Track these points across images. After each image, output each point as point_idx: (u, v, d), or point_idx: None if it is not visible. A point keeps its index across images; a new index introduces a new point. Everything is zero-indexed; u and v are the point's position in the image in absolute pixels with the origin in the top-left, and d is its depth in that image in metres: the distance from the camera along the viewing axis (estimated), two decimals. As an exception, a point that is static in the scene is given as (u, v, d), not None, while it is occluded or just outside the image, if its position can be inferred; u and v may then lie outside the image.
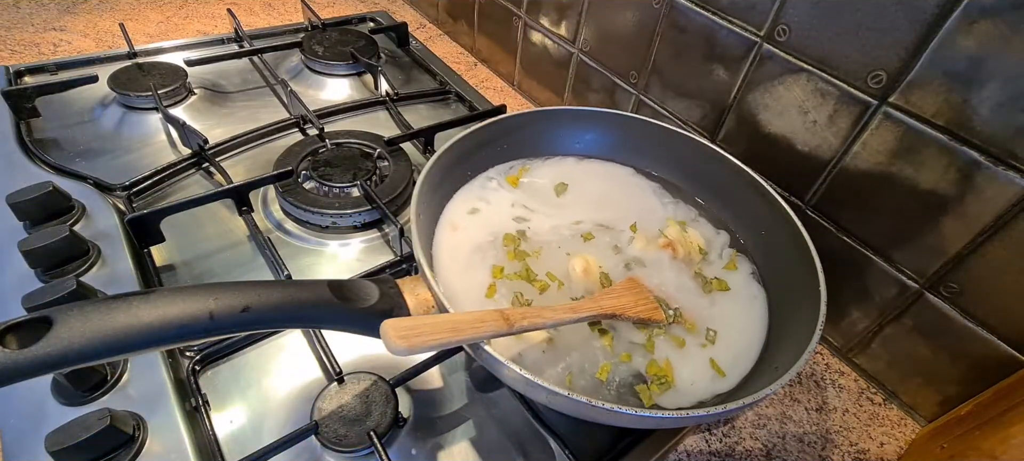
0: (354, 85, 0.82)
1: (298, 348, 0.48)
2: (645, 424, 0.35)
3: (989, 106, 0.39)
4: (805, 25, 0.48)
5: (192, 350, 0.45)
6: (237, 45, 0.86)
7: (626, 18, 0.66)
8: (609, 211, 0.54)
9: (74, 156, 0.63)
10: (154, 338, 0.26)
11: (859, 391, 0.53)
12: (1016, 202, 0.39)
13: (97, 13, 0.90)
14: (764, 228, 0.51)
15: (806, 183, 0.53)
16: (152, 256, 0.53)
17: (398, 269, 0.55)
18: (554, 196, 0.55)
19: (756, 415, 0.50)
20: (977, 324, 0.44)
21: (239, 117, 0.73)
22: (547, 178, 0.57)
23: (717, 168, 0.54)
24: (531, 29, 0.82)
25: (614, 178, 0.58)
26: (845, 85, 0.47)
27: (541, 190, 0.56)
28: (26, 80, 0.72)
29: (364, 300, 0.35)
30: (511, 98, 0.89)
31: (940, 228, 0.44)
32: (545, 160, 0.59)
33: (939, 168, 0.43)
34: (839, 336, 0.55)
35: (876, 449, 0.49)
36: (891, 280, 0.49)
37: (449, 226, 0.50)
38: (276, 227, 0.59)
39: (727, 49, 0.55)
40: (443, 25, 1.05)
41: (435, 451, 0.43)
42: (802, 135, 0.52)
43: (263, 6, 1.01)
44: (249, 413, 0.43)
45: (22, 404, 0.40)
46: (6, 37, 0.81)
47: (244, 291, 0.30)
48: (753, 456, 0.47)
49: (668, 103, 0.65)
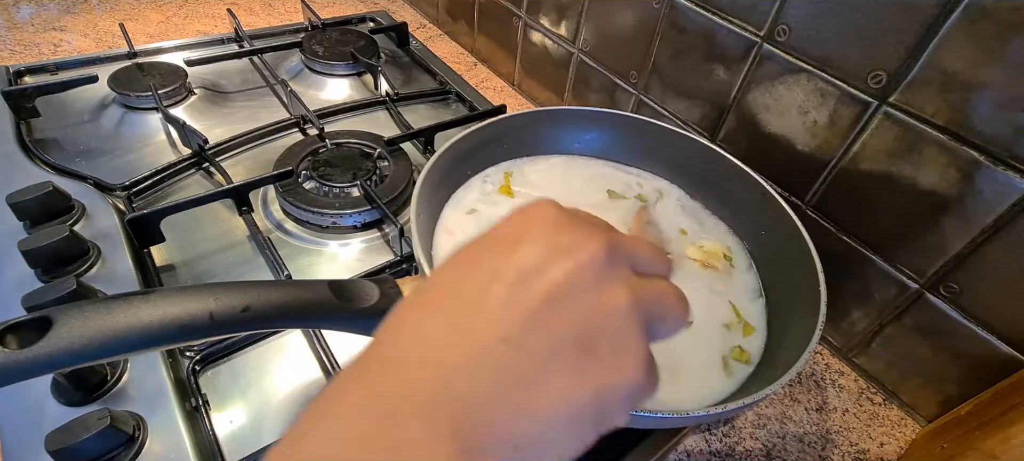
0: (354, 85, 0.82)
1: (298, 348, 0.48)
2: (645, 424, 0.35)
3: (989, 106, 0.39)
4: (805, 25, 0.48)
5: (192, 350, 0.45)
6: (237, 45, 0.86)
7: (626, 18, 0.66)
8: (611, 214, 0.54)
9: (74, 156, 0.63)
10: (154, 338, 0.26)
11: (859, 391, 0.53)
12: (1016, 202, 0.39)
13: (97, 13, 0.90)
14: (764, 228, 0.51)
15: (806, 183, 0.53)
16: (152, 256, 0.53)
17: (398, 269, 0.55)
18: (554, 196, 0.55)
19: (756, 415, 0.50)
20: (977, 324, 0.44)
21: (239, 117, 0.73)
22: (545, 179, 0.57)
23: (717, 168, 0.54)
24: (531, 29, 0.82)
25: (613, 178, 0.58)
26: (845, 85, 0.47)
27: (541, 191, 0.56)
28: (26, 80, 0.72)
29: (365, 300, 0.35)
30: (511, 98, 0.89)
31: (940, 228, 0.44)
32: (546, 158, 0.59)
33: (939, 168, 0.43)
34: (839, 336, 0.55)
35: (876, 449, 0.49)
36: (891, 280, 0.49)
37: (449, 226, 0.50)
38: (276, 227, 0.59)
39: (727, 49, 0.55)
40: (443, 25, 1.05)
41: (435, 451, 0.43)
42: (802, 135, 0.52)
43: (263, 6, 1.01)
44: (249, 413, 0.43)
45: (22, 404, 0.40)
46: (6, 37, 0.81)
47: (244, 291, 0.30)
48: (753, 456, 0.47)
49: (668, 103, 0.65)
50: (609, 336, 0.20)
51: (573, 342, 0.19)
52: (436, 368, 0.18)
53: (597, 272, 0.20)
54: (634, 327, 0.20)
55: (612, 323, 0.20)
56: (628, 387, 0.20)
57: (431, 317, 0.20)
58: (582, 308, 0.20)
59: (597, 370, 0.19)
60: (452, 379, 0.18)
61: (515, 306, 0.19)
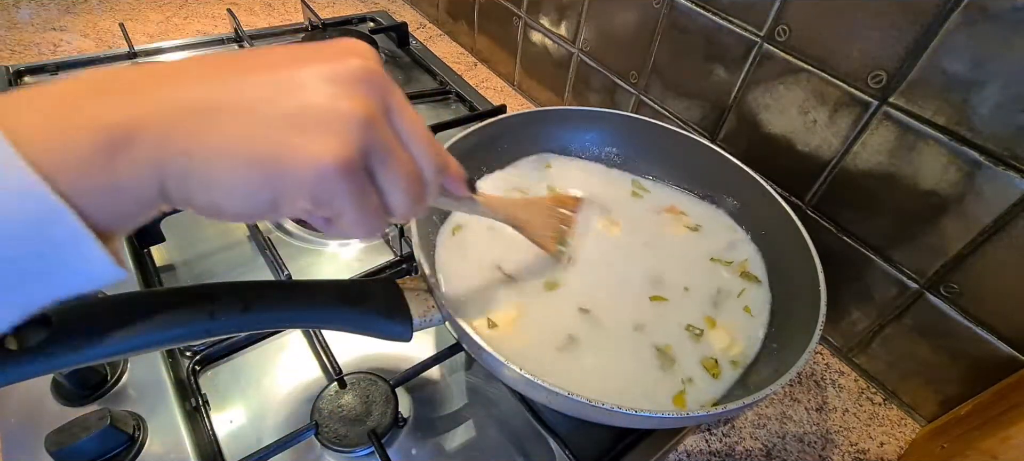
0: (354, 85, 0.82)
1: (298, 348, 0.48)
2: (645, 424, 0.35)
3: (989, 106, 0.39)
4: (805, 25, 0.48)
5: (192, 350, 0.45)
6: (237, 45, 0.86)
7: (626, 18, 0.66)
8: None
9: (74, 156, 0.63)
10: (155, 338, 0.26)
11: (859, 391, 0.53)
12: (1016, 202, 0.39)
13: (97, 13, 0.90)
14: (764, 228, 0.51)
15: (806, 183, 0.53)
16: (152, 256, 0.53)
17: (398, 269, 0.55)
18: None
19: (756, 415, 0.50)
20: (977, 324, 0.44)
21: (239, 117, 0.73)
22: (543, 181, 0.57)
23: (717, 168, 0.54)
24: (531, 29, 0.82)
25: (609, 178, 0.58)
26: (845, 85, 0.47)
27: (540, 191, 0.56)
28: (26, 80, 0.72)
29: (365, 300, 0.35)
30: (511, 98, 0.89)
31: (940, 228, 0.44)
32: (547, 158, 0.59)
33: (939, 168, 0.43)
34: (839, 336, 0.55)
35: (876, 449, 0.49)
36: (891, 280, 0.49)
37: (449, 226, 0.50)
38: (276, 227, 0.59)
39: (727, 49, 0.55)
40: (443, 25, 1.05)
41: (435, 451, 0.43)
42: (802, 135, 0.52)
43: (263, 6, 1.01)
44: (249, 413, 0.43)
45: (22, 404, 0.40)
46: (6, 37, 0.81)
47: (244, 291, 0.30)
48: (753, 456, 0.47)
49: (668, 103, 0.65)
50: (320, 118, 0.20)
51: (286, 109, 0.20)
52: (168, 77, 0.20)
53: (355, 80, 0.21)
54: (348, 132, 0.21)
55: (331, 113, 0.20)
56: (302, 166, 0.20)
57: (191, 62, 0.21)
58: (316, 94, 0.20)
59: (290, 133, 0.20)
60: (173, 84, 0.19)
61: (266, 76, 0.20)
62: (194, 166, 0.19)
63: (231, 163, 0.19)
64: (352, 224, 0.23)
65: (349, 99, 0.21)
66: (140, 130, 0.18)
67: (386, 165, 0.23)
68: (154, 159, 0.18)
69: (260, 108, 0.20)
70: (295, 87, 0.20)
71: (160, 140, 0.18)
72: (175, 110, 0.19)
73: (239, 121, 0.19)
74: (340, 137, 0.20)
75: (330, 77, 0.21)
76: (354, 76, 0.21)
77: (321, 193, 0.21)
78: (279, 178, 0.20)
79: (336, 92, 0.21)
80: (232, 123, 0.19)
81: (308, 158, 0.20)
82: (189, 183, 0.19)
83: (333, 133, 0.20)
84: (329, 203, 0.21)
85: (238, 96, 0.20)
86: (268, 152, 0.20)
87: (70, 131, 0.17)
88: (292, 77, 0.20)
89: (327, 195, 0.21)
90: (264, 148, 0.20)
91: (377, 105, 0.22)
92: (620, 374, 0.41)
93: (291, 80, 0.20)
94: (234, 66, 0.20)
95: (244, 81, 0.20)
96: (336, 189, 0.21)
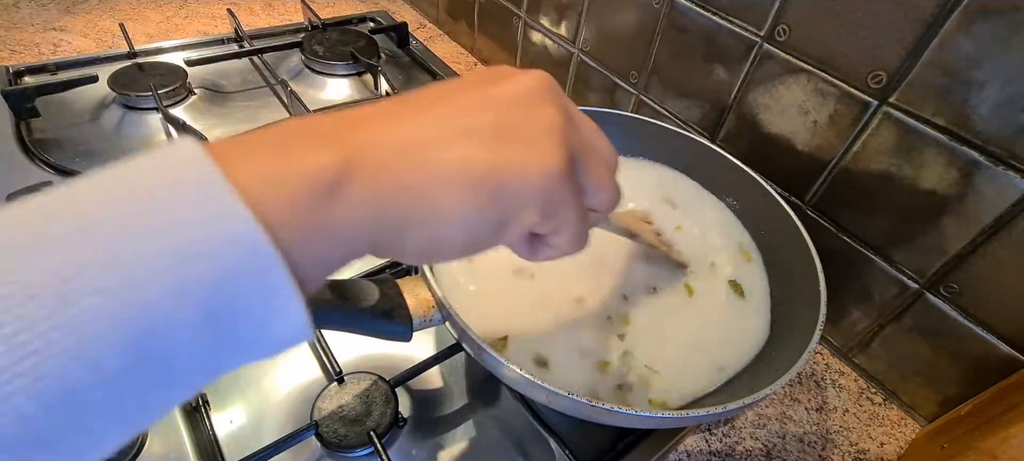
0: (354, 85, 0.82)
1: (298, 348, 0.48)
2: (645, 424, 0.35)
3: (989, 106, 0.39)
4: (805, 25, 0.48)
5: (192, 350, 0.45)
6: (237, 45, 0.86)
7: (626, 18, 0.66)
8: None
9: (74, 156, 0.63)
10: (154, 338, 0.26)
11: (859, 391, 0.53)
12: (1016, 202, 0.39)
13: (97, 13, 0.90)
14: (764, 228, 0.51)
15: (806, 183, 0.53)
16: (152, 256, 0.53)
17: (398, 269, 0.55)
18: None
19: (756, 415, 0.50)
20: (977, 324, 0.44)
21: (239, 117, 0.73)
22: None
23: (717, 168, 0.54)
24: (531, 29, 0.82)
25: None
26: (845, 85, 0.47)
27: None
28: (26, 80, 0.72)
29: (364, 300, 0.35)
30: (511, 98, 0.89)
31: (940, 228, 0.44)
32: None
33: (939, 168, 0.43)
34: (839, 336, 0.55)
35: (876, 449, 0.49)
36: (891, 280, 0.49)
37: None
38: (276, 227, 0.59)
39: (727, 49, 0.55)
40: (443, 25, 1.05)
41: (435, 451, 0.43)
42: (802, 135, 0.52)
43: (263, 6, 1.01)
44: (249, 413, 0.43)
45: (22, 404, 0.40)
46: (6, 37, 0.81)
47: (244, 291, 0.30)
48: (753, 456, 0.47)
49: (668, 103, 0.65)
50: (525, 132, 0.20)
51: (491, 128, 0.20)
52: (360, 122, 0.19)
53: (538, 94, 0.22)
54: (554, 139, 0.21)
55: (533, 126, 0.21)
56: (530, 176, 0.20)
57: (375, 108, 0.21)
58: (511, 112, 0.21)
59: (503, 149, 0.20)
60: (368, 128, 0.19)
61: (450, 105, 0.21)
62: (415, 201, 0.18)
63: (455, 190, 0.19)
64: (572, 237, 0.23)
65: (543, 110, 0.21)
66: (355, 170, 0.17)
67: (588, 164, 0.23)
68: (372, 199, 0.18)
69: (465, 134, 0.20)
70: (487, 109, 0.21)
71: (376, 179, 0.18)
72: (384, 150, 0.18)
73: (450, 149, 0.19)
74: (549, 146, 0.21)
75: (516, 93, 0.21)
76: (535, 90, 0.22)
77: (549, 203, 0.21)
78: (507, 196, 0.20)
79: (529, 107, 0.21)
80: (444, 152, 0.19)
81: (533, 169, 0.20)
82: (408, 222, 0.19)
83: (542, 143, 0.21)
84: (555, 213, 0.21)
85: (437, 128, 0.19)
86: (490, 173, 0.19)
87: (284, 174, 0.16)
88: (480, 102, 0.21)
89: (554, 204, 0.21)
90: (485, 170, 0.19)
91: (563, 112, 0.22)
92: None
93: (481, 104, 0.21)
94: (417, 105, 0.21)
95: (435, 114, 0.20)
96: (562, 195, 0.21)
